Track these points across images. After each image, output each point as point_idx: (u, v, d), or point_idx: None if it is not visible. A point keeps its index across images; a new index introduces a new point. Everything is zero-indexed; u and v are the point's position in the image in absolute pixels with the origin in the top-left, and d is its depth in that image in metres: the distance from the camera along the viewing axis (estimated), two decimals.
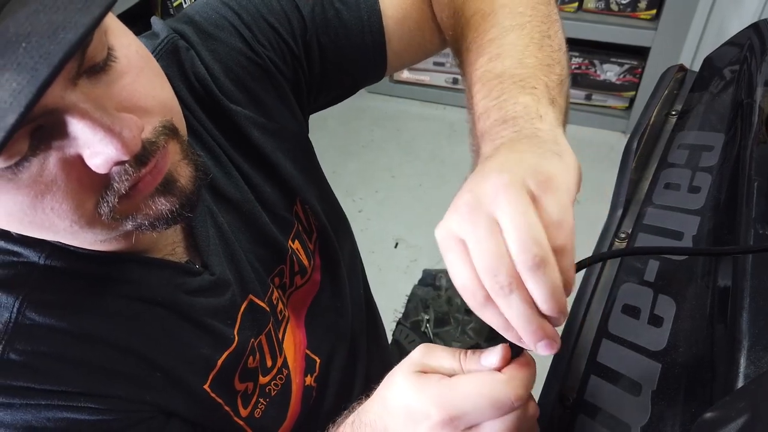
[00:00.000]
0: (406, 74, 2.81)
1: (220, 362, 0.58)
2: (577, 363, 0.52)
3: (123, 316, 0.51)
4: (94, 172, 0.40)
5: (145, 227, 0.45)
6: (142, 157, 0.41)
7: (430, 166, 2.53)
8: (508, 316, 0.37)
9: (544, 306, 0.36)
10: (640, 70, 2.27)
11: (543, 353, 0.39)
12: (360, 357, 0.82)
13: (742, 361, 0.43)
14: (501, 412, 0.40)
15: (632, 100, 2.39)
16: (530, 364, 0.42)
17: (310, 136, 0.74)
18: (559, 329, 0.50)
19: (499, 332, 0.39)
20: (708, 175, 0.64)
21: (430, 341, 1.32)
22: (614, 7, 2.19)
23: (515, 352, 0.42)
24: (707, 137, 0.69)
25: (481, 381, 0.41)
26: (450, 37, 0.64)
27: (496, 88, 0.49)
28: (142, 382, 0.51)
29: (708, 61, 0.83)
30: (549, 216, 0.37)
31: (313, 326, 0.73)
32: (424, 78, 2.78)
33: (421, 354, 0.45)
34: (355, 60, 0.67)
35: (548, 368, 0.53)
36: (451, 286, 1.43)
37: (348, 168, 2.49)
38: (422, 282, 1.49)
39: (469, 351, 0.43)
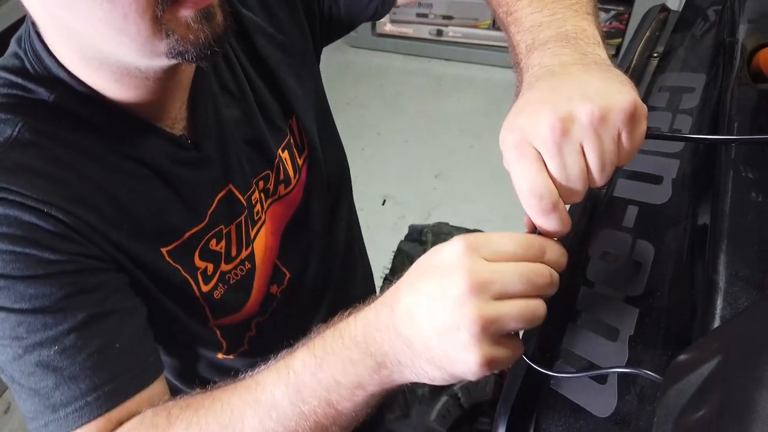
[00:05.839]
0: (389, 27, 2.75)
1: (186, 235, 0.61)
2: (554, 310, 0.51)
3: (111, 165, 0.55)
4: None
5: (178, 51, 0.48)
6: None
7: (416, 122, 2.50)
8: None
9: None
10: (626, 16, 2.23)
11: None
12: (330, 286, 0.84)
13: (719, 303, 0.43)
14: (533, 290, 0.40)
15: (619, 48, 2.35)
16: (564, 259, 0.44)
17: None
18: None
19: (547, 234, 0.43)
20: (689, 117, 0.63)
21: None
22: None
23: None
24: (688, 78, 0.68)
25: (522, 262, 0.41)
26: None
27: (548, 6, 0.51)
28: (111, 223, 0.54)
29: (691, 1, 0.81)
30: (632, 146, 0.42)
31: (287, 240, 0.76)
32: (407, 30, 2.73)
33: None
34: None
35: None
36: (437, 240, 1.43)
37: None
38: (408, 237, 1.49)
39: None
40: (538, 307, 0.41)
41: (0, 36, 1.36)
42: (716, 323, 0.42)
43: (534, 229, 0.44)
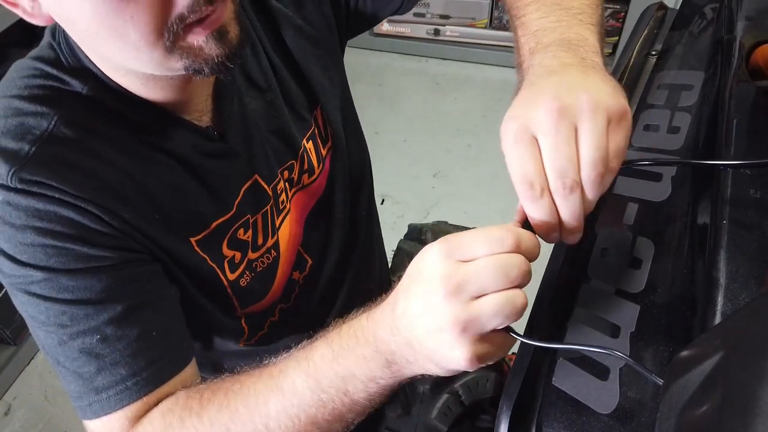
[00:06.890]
0: (386, 26, 2.75)
1: (213, 225, 0.63)
2: (556, 308, 0.52)
3: (142, 156, 0.57)
4: None
5: (194, 69, 0.50)
6: None
7: (414, 121, 2.50)
8: (562, 210, 0.43)
9: (590, 205, 0.44)
10: (623, 14, 2.23)
11: (572, 242, 0.46)
12: (348, 276, 0.86)
13: (720, 299, 0.43)
14: (508, 282, 0.41)
15: (615, 46, 2.35)
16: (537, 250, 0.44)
17: None
18: (539, 274, 0.50)
19: (536, 223, 0.44)
20: (687, 115, 0.63)
21: None
22: None
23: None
24: (687, 76, 0.68)
25: (493, 256, 0.42)
26: None
27: (554, 13, 0.54)
28: (143, 215, 0.56)
29: None
30: (617, 144, 0.43)
31: (310, 228, 0.78)
32: (405, 30, 2.73)
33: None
34: None
35: (528, 313, 0.52)
36: (436, 239, 1.43)
37: None
38: (408, 236, 1.48)
39: None
40: (516, 297, 0.41)
41: (0, 36, 1.36)
42: (717, 319, 0.42)
43: (525, 220, 0.44)
